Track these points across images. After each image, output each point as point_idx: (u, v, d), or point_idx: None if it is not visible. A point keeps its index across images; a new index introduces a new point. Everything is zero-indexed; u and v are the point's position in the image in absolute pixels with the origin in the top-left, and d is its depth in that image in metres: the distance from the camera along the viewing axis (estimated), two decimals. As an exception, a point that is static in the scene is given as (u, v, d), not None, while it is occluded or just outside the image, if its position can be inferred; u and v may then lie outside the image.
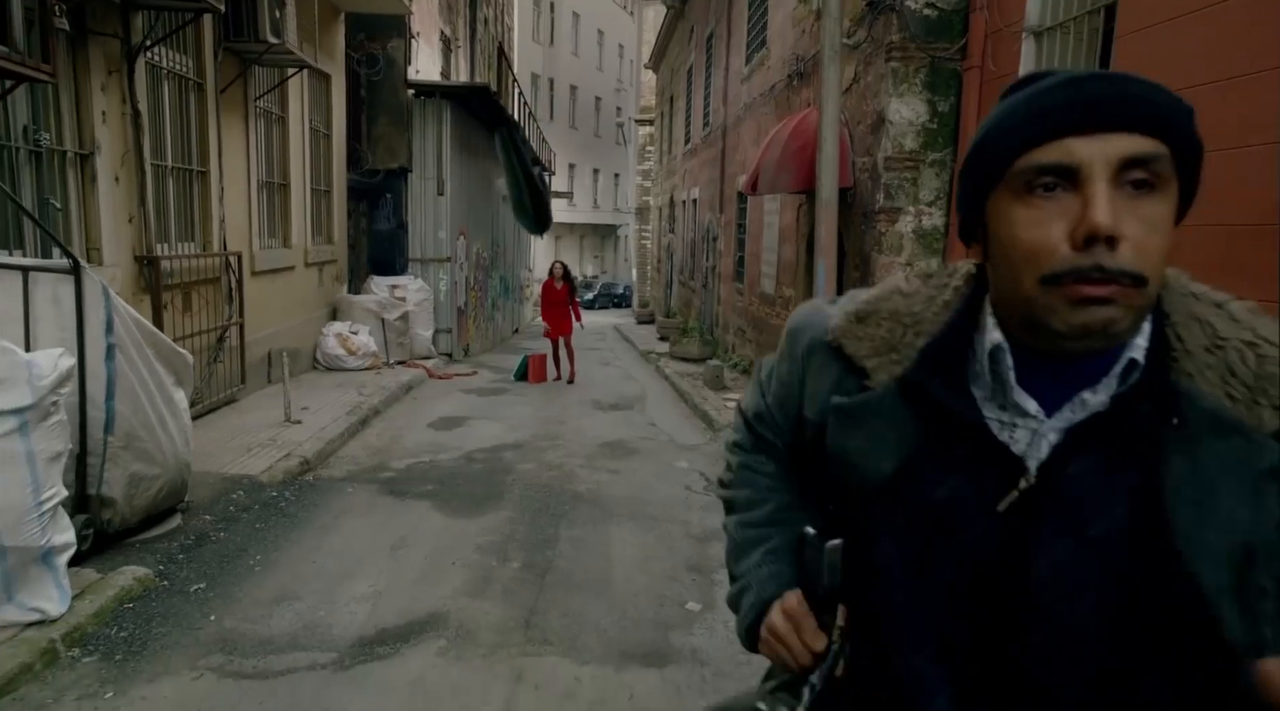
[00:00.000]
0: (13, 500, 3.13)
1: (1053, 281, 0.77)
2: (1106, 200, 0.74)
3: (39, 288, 3.80)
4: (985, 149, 0.83)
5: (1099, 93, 0.76)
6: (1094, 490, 0.81)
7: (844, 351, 0.94)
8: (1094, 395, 0.81)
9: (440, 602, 3.81)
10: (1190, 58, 3.99)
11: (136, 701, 2.90)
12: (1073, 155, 0.76)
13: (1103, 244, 0.74)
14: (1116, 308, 0.76)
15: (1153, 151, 0.76)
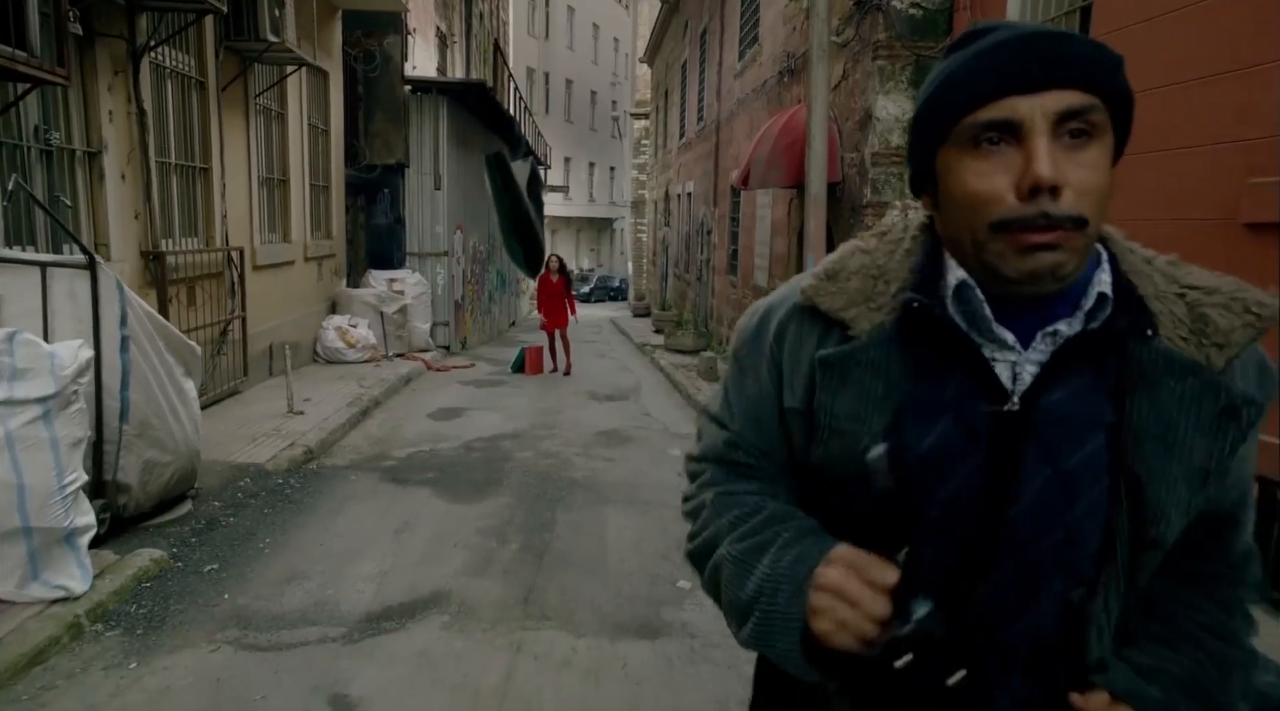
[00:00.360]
0: (39, 483, 3.31)
1: (1001, 228, 0.81)
2: (1047, 152, 0.79)
3: (56, 282, 3.97)
4: (933, 106, 0.86)
5: (1036, 52, 0.80)
6: (1070, 419, 0.86)
7: (819, 309, 0.94)
8: (1068, 327, 0.86)
9: (443, 581, 4.00)
10: (1160, 60, 4.17)
11: (159, 671, 3.08)
12: (1015, 111, 0.80)
13: (1046, 193, 0.79)
14: (1062, 252, 0.80)
15: (1087, 104, 0.80)
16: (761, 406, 0.99)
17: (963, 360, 0.88)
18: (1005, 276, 0.83)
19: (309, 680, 3.06)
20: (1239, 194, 3.64)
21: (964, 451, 0.87)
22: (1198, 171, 3.91)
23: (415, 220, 13.28)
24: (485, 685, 3.06)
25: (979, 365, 0.87)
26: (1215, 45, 3.83)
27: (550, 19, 36.27)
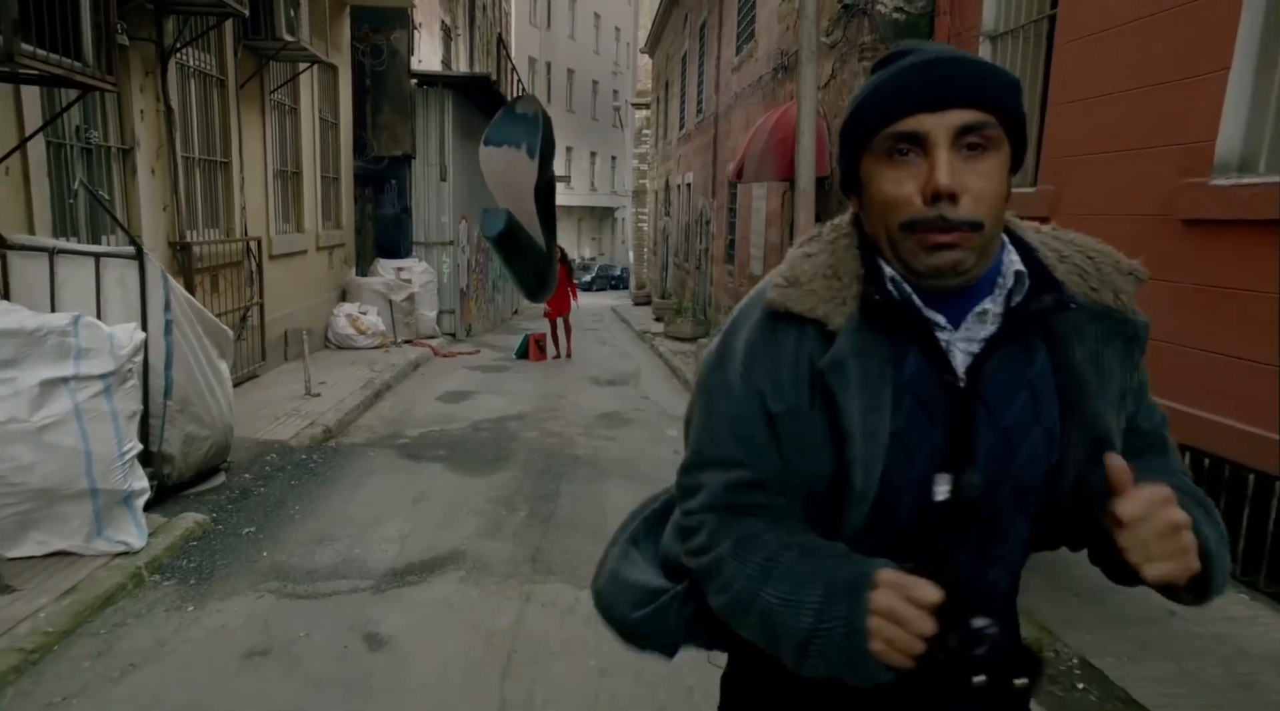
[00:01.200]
0: (102, 450, 3.73)
1: (908, 228, 0.93)
2: (947, 163, 0.90)
3: (108, 271, 4.38)
4: (856, 119, 0.97)
5: (941, 75, 0.92)
6: (1005, 385, 0.98)
7: (792, 312, 1.00)
8: (994, 304, 0.98)
9: (459, 543, 4.42)
10: (1113, 67, 4.55)
11: (213, 613, 3.50)
12: (921, 126, 0.92)
13: (946, 199, 0.90)
14: (961, 251, 0.92)
15: (982, 120, 0.92)
16: (745, 420, 1.00)
17: (915, 340, 0.98)
18: (916, 270, 0.95)
19: (344, 621, 3.49)
20: (1176, 192, 4.03)
21: (926, 430, 0.96)
22: (1143, 171, 4.30)
23: (422, 210, 13.66)
24: (499, 626, 3.48)
25: (931, 344, 0.97)
26: (1159, 57, 4.21)
27: (552, 8, 36.46)
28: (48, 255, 4.27)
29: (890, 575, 0.89)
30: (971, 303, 0.98)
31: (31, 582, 3.44)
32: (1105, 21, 4.66)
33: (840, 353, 0.96)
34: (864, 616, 0.87)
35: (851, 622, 0.88)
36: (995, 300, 0.98)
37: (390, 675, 3.08)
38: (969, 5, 6.20)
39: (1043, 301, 0.97)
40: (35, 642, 3.03)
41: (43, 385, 3.59)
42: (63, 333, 3.67)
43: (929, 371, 0.97)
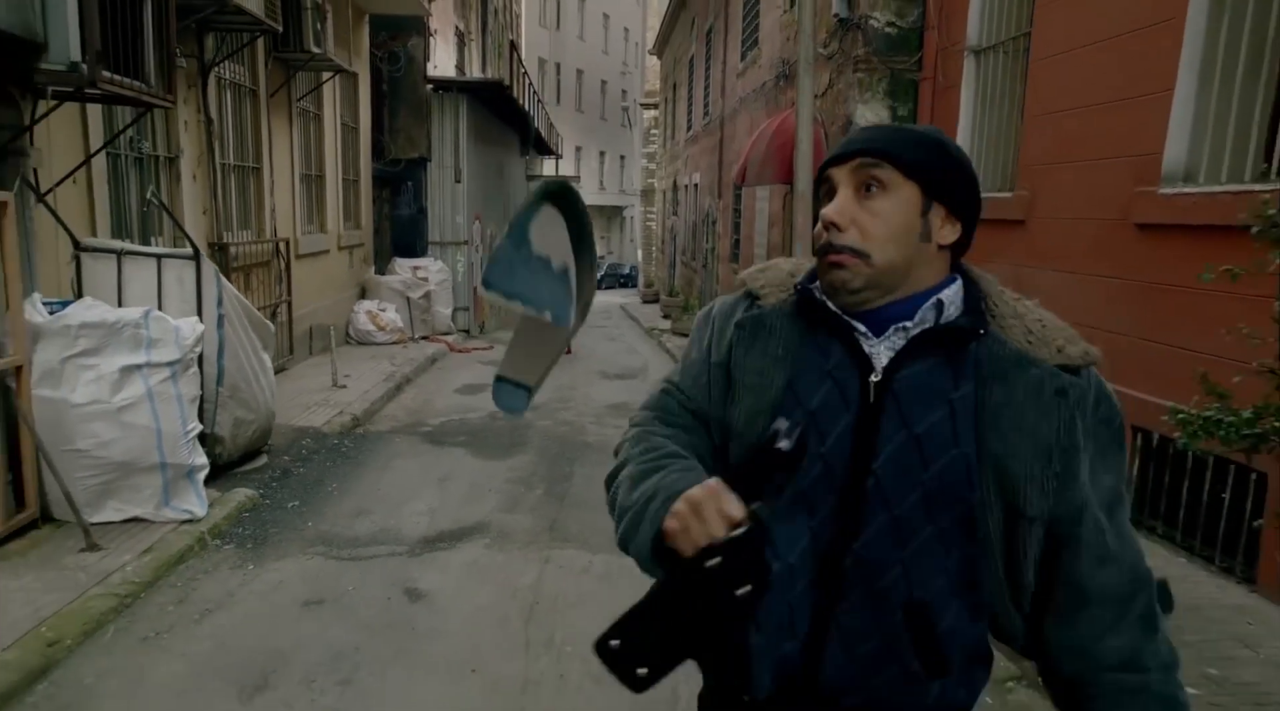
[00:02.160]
0: (170, 429, 4.21)
1: (820, 252, 1.11)
2: (837, 201, 1.09)
3: (168, 270, 4.86)
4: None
5: (852, 137, 1.12)
6: (919, 391, 1.07)
7: (750, 289, 1.20)
8: (911, 324, 1.09)
9: (483, 516, 4.89)
10: (1078, 84, 4.99)
11: (271, 571, 3.99)
12: (832, 174, 1.12)
13: (832, 228, 1.08)
14: (847, 271, 1.07)
15: (870, 165, 1.08)
16: (698, 368, 1.21)
17: (839, 337, 1.11)
18: (824, 286, 1.12)
19: (386, 579, 3.96)
20: (1130, 200, 4.47)
21: (839, 412, 1.08)
22: (1104, 180, 4.74)
23: (437, 211, 14.15)
24: (522, 583, 3.95)
25: (851, 342, 1.10)
26: (1116, 76, 4.65)
27: (561, 9, 36.86)
28: (115, 256, 4.76)
29: (714, 483, 1.01)
30: (892, 319, 1.10)
31: (114, 543, 3.93)
32: (1071, 42, 5.10)
33: (753, 319, 1.16)
34: (676, 499, 1.01)
35: (666, 502, 1.03)
36: (916, 321, 1.10)
37: (430, 621, 3.56)
38: (955, 21, 6.64)
39: (956, 321, 1.09)
40: (126, 590, 3.51)
41: (121, 371, 4.08)
42: (136, 325, 4.16)
43: (850, 363, 1.10)
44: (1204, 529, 3.97)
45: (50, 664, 2.98)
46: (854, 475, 1.06)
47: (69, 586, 3.48)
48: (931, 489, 1.05)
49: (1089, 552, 1.07)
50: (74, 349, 4.01)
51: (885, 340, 1.10)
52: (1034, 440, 1.04)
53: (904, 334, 1.10)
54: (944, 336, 1.08)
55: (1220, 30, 4.05)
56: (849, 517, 1.07)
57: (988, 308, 1.12)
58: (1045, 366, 1.06)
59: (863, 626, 1.07)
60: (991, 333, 1.08)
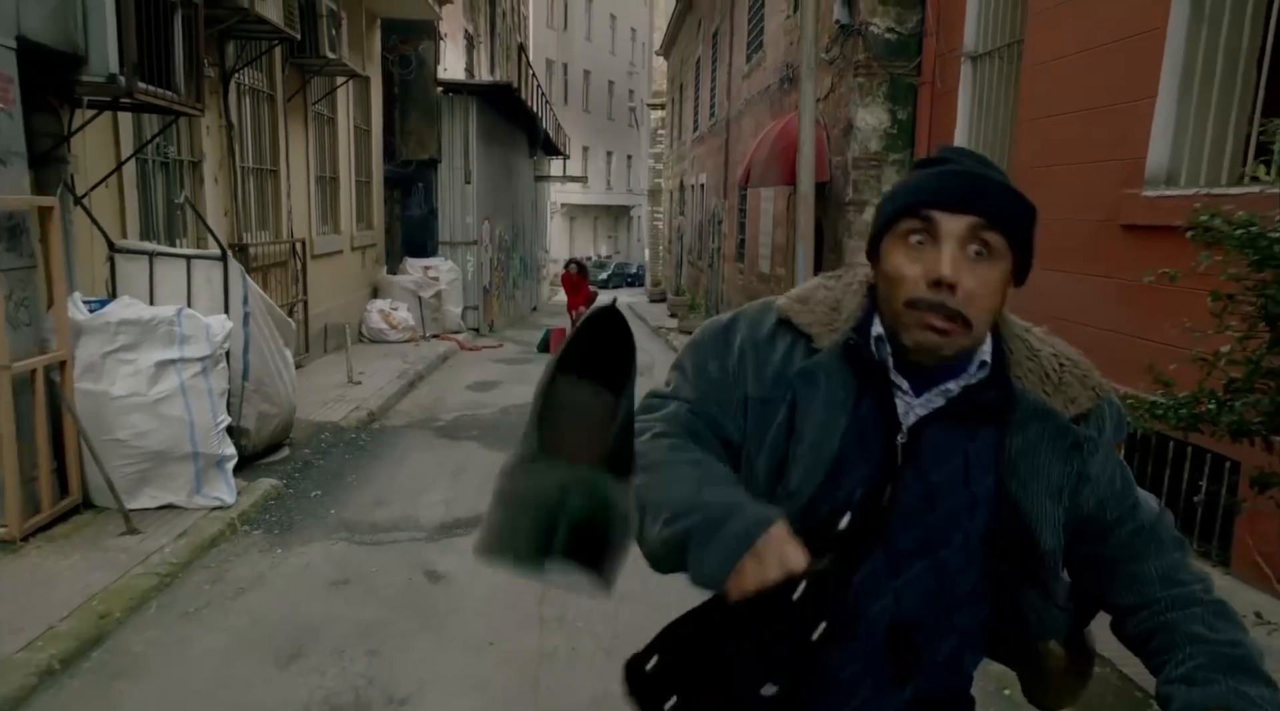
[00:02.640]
0: (202, 420, 4.45)
1: (911, 305, 1.03)
2: (951, 258, 1.01)
3: (197, 271, 5.10)
4: (892, 203, 1.09)
5: (967, 185, 1.04)
6: (939, 448, 1.09)
7: (793, 323, 1.15)
8: (954, 385, 1.09)
9: (496, 504, 5.11)
10: (1068, 90, 5.19)
11: (298, 554, 4.22)
12: (937, 220, 1.03)
13: (946, 288, 1.01)
14: (946, 339, 1.03)
15: (988, 230, 1.03)
16: (724, 391, 1.16)
17: (874, 390, 1.11)
18: (905, 343, 1.07)
19: (406, 562, 4.19)
20: (1117, 201, 4.67)
21: (857, 462, 1.09)
22: (1092, 182, 4.94)
23: (447, 211, 14.39)
24: (535, 566, 4.17)
25: (885, 398, 1.11)
26: (1103, 83, 4.85)
27: (569, 10, 37.06)
28: (148, 257, 5.00)
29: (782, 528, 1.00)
30: (941, 378, 1.09)
31: (151, 527, 4.17)
32: (1061, 50, 5.30)
33: (815, 365, 1.12)
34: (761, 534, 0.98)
35: (751, 533, 0.99)
36: (959, 383, 1.10)
37: (449, 600, 3.79)
38: (952, 28, 6.84)
39: (987, 396, 1.10)
40: (165, 570, 3.75)
41: (156, 365, 4.31)
42: (170, 322, 4.40)
43: (878, 417, 1.10)
44: (1183, 516, 4.16)
45: (102, 634, 3.22)
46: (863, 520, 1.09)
47: (113, 566, 3.72)
48: (933, 526, 1.10)
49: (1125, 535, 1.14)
50: (113, 344, 4.25)
51: (924, 398, 1.11)
52: (1047, 483, 1.09)
53: (944, 395, 1.10)
54: (976, 406, 1.10)
55: (1199, 40, 4.24)
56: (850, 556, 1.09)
57: (1007, 352, 1.13)
58: (1062, 420, 1.10)
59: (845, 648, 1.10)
60: (1012, 389, 1.10)
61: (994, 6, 6.40)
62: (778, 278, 10.79)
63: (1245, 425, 2.08)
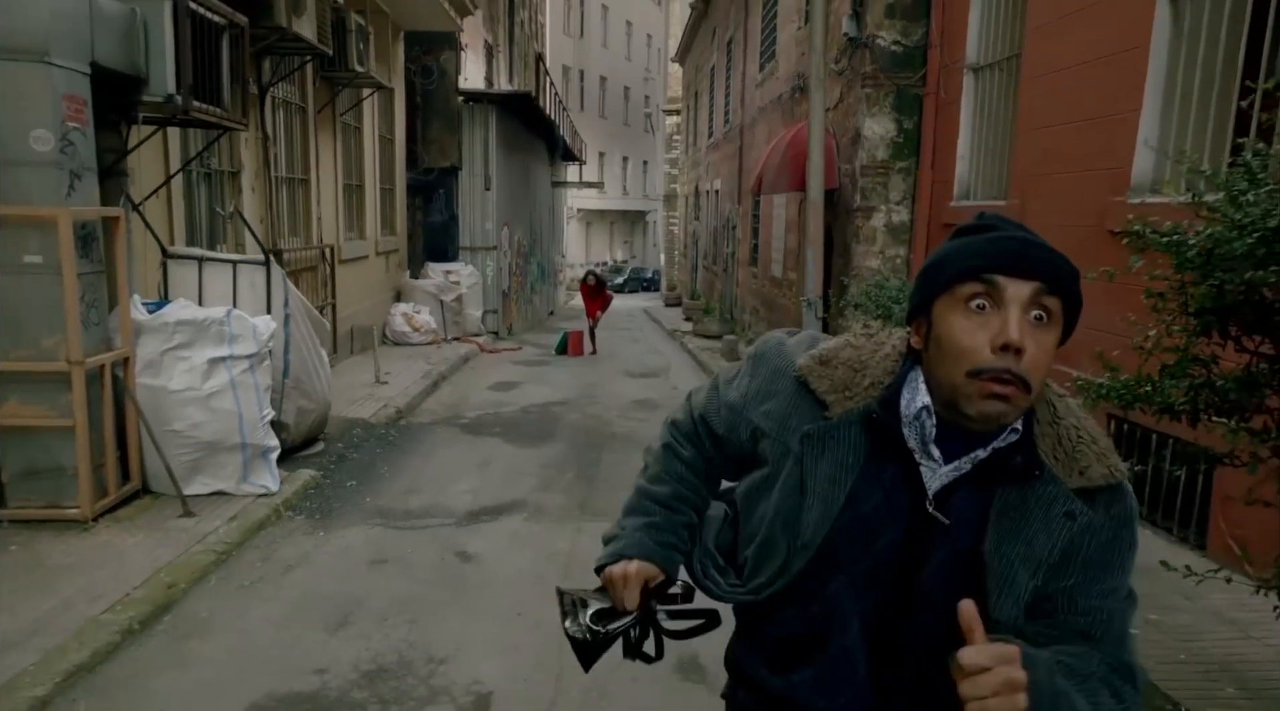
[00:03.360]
0: (249, 414, 4.80)
1: (975, 374, 1.02)
2: (1018, 322, 1.01)
3: (241, 275, 5.47)
4: (944, 267, 1.08)
5: (1029, 252, 1.04)
6: (966, 515, 1.10)
7: (809, 386, 1.16)
8: (983, 451, 1.09)
9: (520, 495, 5.45)
10: (1065, 100, 5.47)
11: (338, 537, 4.56)
12: (1002, 288, 1.02)
13: (1013, 353, 1.00)
14: (1009, 405, 1.02)
15: (1050, 298, 1.03)
16: (741, 404, 1.25)
17: (898, 459, 1.12)
18: (965, 413, 1.04)
19: (439, 544, 4.52)
20: (1105, 208, 4.95)
21: (888, 525, 1.11)
22: (1083, 190, 5.22)
23: (467, 217, 14.77)
24: (558, 549, 4.50)
25: (911, 468, 1.11)
26: (1095, 95, 5.13)
27: (585, 18, 37.48)
28: (197, 262, 5.37)
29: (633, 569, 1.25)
30: (974, 444, 1.09)
31: (205, 511, 4.53)
32: (1056, 64, 5.58)
33: (823, 431, 1.14)
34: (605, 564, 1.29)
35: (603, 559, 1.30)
36: (990, 447, 1.09)
37: (479, 577, 4.11)
38: (955, 42, 7.13)
39: (1014, 460, 1.09)
40: (221, 548, 4.10)
41: (209, 362, 4.67)
42: (220, 322, 4.76)
43: (904, 488, 1.12)
44: (1164, 504, 4.44)
45: (171, 601, 3.57)
46: (899, 580, 1.12)
47: (174, 544, 4.07)
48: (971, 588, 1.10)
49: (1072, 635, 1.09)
50: (171, 342, 4.61)
51: (952, 466, 1.11)
52: (1026, 548, 1.08)
53: (972, 462, 1.10)
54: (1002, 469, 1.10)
55: (1180, 57, 4.53)
56: (897, 609, 1.13)
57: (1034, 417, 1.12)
58: (1062, 486, 1.09)
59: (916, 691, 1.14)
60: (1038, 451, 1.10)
61: (994, 21, 6.69)
62: (789, 281, 11.08)
63: (1171, 405, 2.38)
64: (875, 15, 7.76)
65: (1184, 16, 4.51)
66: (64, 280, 3.97)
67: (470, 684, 3.08)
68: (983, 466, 1.10)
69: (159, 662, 3.16)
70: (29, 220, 3.93)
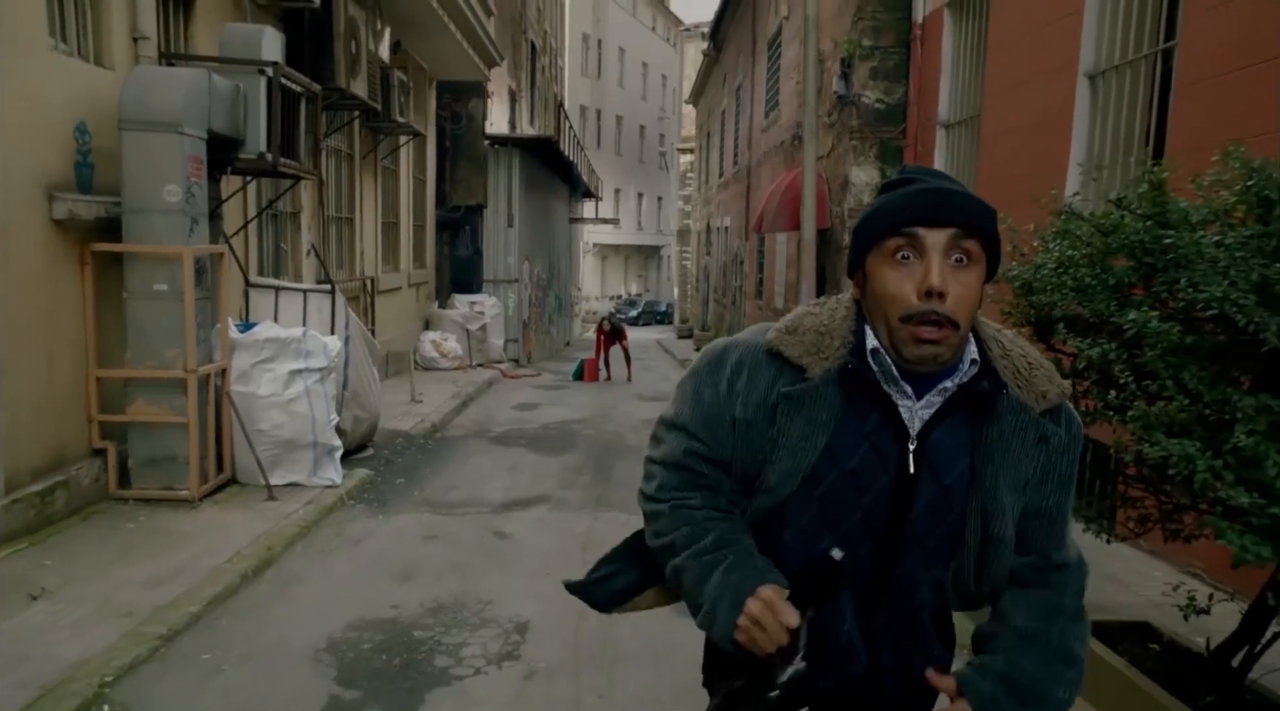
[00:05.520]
0: (320, 417, 5.73)
1: (906, 320, 1.15)
2: (938, 268, 1.13)
3: (310, 301, 6.43)
4: (871, 224, 1.21)
5: (941, 201, 1.16)
6: (948, 449, 1.22)
7: (782, 354, 1.25)
8: (950, 384, 1.22)
9: (545, 491, 6.34)
10: (1013, 157, 6.38)
11: (395, 520, 5.46)
12: (922, 235, 1.15)
13: (936, 297, 1.13)
14: (941, 346, 1.15)
15: (968, 241, 1.15)
16: (716, 412, 1.29)
17: (879, 405, 1.22)
18: (904, 356, 1.18)
19: (479, 526, 5.41)
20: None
21: (878, 472, 1.21)
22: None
23: (491, 252, 15.82)
24: (577, 531, 5.38)
25: (890, 410, 1.22)
26: (1036, 154, 6.04)
27: (603, 59, 38.85)
28: (274, 291, 6.34)
29: (768, 592, 1.18)
30: (938, 379, 1.20)
31: (284, 497, 5.44)
32: (1006, 125, 6.52)
33: (801, 391, 1.22)
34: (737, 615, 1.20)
35: (728, 619, 1.20)
36: (954, 380, 1.21)
37: (514, 549, 4.99)
38: (929, 101, 8.09)
39: (981, 385, 1.20)
40: (302, 524, 5.01)
41: (289, 373, 5.61)
42: (299, 340, 5.70)
43: (887, 430, 1.21)
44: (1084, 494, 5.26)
45: (271, 559, 4.47)
46: (892, 524, 1.22)
47: (265, 519, 4.98)
48: (954, 525, 1.23)
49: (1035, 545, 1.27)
50: (259, 356, 5.56)
51: (924, 402, 1.21)
52: (1015, 475, 1.21)
53: (943, 394, 1.21)
54: (972, 398, 1.21)
55: (1098, 122, 5.44)
56: (887, 556, 1.23)
57: (987, 348, 1.24)
58: (1032, 413, 1.21)
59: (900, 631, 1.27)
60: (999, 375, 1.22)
61: (961, 85, 7.65)
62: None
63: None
64: (861, 76, 8.75)
65: (1099, 91, 5.43)
66: (184, 305, 4.93)
67: (512, 616, 3.96)
68: (955, 398, 1.21)
69: (271, 598, 4.06)
70: (160, 256, 4.90)
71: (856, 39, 8.72)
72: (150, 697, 3.08)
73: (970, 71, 7.46)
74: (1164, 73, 4.85)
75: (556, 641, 3.71)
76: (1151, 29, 4.98)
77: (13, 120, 4.25)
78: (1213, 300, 2.12)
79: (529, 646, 3.66)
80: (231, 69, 5.48)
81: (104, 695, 3.00)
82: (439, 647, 3.61)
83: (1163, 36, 4.88)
